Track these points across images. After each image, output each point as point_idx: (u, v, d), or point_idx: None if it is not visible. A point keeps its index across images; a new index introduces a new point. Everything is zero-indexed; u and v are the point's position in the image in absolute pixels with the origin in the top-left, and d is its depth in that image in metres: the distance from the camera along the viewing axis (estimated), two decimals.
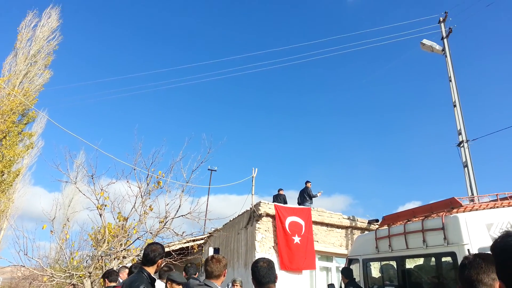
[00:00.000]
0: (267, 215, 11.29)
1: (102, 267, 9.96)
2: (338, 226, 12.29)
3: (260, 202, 11.49)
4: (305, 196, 13.36)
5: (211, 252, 11.74)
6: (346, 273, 6.76)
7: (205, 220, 12.05)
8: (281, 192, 13.78)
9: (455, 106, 11.23)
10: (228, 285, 8.80)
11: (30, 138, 20.72)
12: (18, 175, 20.93)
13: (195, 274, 5.66)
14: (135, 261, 9.50)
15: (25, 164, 24.07)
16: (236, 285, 8.53)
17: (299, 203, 13.18)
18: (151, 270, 3.54)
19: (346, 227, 12.41)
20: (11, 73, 19.69)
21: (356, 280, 6.70)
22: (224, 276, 3.46)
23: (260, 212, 11.14)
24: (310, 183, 13.63)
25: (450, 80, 11.63)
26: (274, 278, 2.91)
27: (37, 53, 21.08)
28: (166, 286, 4.32)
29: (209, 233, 14.77)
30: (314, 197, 13.42)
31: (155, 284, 3.64)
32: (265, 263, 2.95)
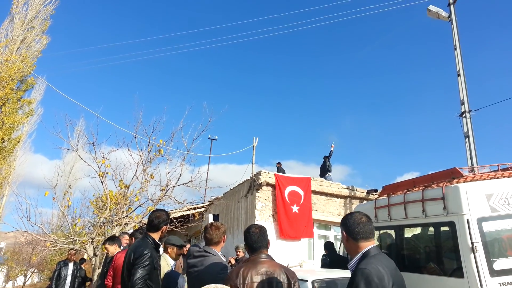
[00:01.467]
0: (267, 184, 11.38)
1: (104, 233, 10.13)
2: (337, 196, 12.42)
3: (260, 171, 11.56)
4: (325, 169, 14.16)
5: (210, 219, 11.90)
6: (327, 246, 8.07)
7: (206, 188, 12.15)
8: (278, 165, 13.98)
9: (459, 75, 11.08)
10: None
11: (30, 105, 20.61)
12: (18, 142, 20.97)
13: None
14: (136, 227, 9.64)
15: (25, 131, 24.10)
16: (239, 251, 8.72)
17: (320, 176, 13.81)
18: (155, 236, 3.59)
19: (345, 197, 12.54)
20: (8, 39, 19.36)
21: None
22: (223, 242, 3.51)
23: (260, 181, 11.23)
24: (327, 158, 14.45)
25: (455, 49, 11.41)
26: (266, 244, 2.95)
27: (33, 18, 20.67)
28: (166, 251, 4.38)
29: (210, 201, 14.93)
30: (329, 168, 14.09)
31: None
32: (257, 229, 2.99)
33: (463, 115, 10.68)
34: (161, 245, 3.69)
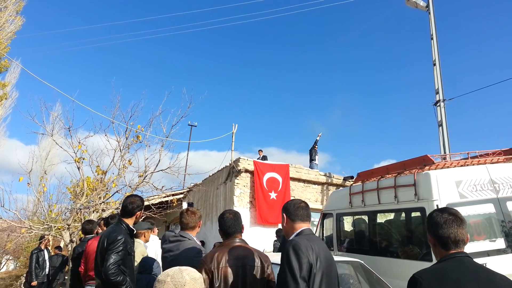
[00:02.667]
0: (246, 171, 11.43)
1: (81, 219, 10.01)
2: (314, 183, 12.59)
3: (239, 158, 11.59)
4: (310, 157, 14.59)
5: (185, 206, 11.90)
6: (278, 232, 8.94)
7: (185, 175, 12.10)
8: (260, 153, 14.06)
9: (434, 64, 11.28)
10: None
11: (4, 88, 19.96)
12: None
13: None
14: (114, 213, 9.57)
15: None
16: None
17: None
18: (129, 221, 3.57)
19: (322, 184, 12.72)
20: None
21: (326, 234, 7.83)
22: (199, 227, 3.53)
23: (239, 168, 11.27)
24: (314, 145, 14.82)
25: (432, 38, 11.59)
26: (240, 228, 2.99)
27: None
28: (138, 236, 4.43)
29: (189, 188, 14.91)
30: (315, 155, 14.53)
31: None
32: (231, 214, 3.03)
33: (438, 104, 10.92)
34: (135, 231, 3.66)
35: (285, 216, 2.67)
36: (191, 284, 1.49)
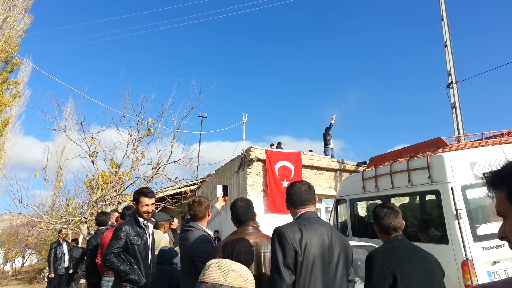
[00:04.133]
0: (258, 160, 11.44)
1: (98, 212, 10.19)
2: (327, 169, 12.54)
3: (251, 147, 11.60)
4: (325, 142, 14.33)
5: (219, 190, 11.92)
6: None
7: (197, 165, 12.21)
8: (272, 146, 14.01)
9: (446, 46, 11.06)
10: None
11: (16, 86, 20.25)
12: (7, 124, 20.70)
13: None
14: (129, 205, 9.71)
15: (13, 114, 23.73)
16: None
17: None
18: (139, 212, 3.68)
19: (335, 170, 12.67)
20: None
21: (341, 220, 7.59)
22: (208, 216, 3.56)
23: (251, 157, 11.28)
24: (328, 129, 14.50)
25: (442, 19, 11.35)
26: (252, 216, 3.00)
27: None
28: (158, 228, 4.47)
29: (202, 179, 15.01)
30: (329, 139, 14.27)
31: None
32: (242, 202, 3.03)
33: (450, 86, 10.74)
34: (142, 221, 3.67)
35: (287, 202, 2.62)
36: (234, 274, 1.46)
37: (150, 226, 3.80)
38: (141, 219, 3.62)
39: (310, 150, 14.00)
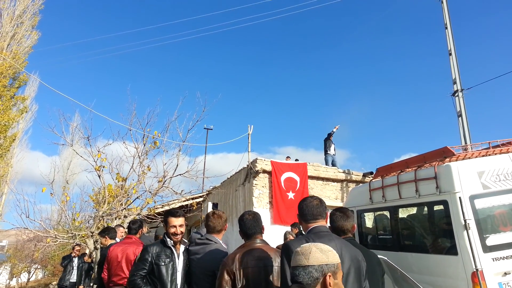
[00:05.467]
0: (264, 171, 11.42)
1: (104, 226, 10.19)
2: (333, 180, 12.48)
3: (256, 159, 11.59)
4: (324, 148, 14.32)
5: (210, 207, 11.91)
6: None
7: (203, 178, 12.21)
8: (288, 159, 14.00)
9: (450, 54, 11.07)
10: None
11: (24, 102, 20.47)
12: (14, 139, 20.86)
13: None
14: (135, 219, 9.71)
15: (20, 129, 24.00)
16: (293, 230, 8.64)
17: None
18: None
19: (341, 181, 12.60)
20: None
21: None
22: (225, 230, 3.55)
23: (257, 169, 11.26)
24: (329, 135, 14.47)
25: (446, 28, 11.37)
26: (260, 229, 2.99)
27: (22, 13, 20.42)
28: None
29: (208, 191, 14.99)
30: (329, 146, 14.23)
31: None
32: (250, 216, 3.03)
33: (456, 94, 10.72)
34: (168, 241, 3.49)
35: (298, 217, 2.67)
36: (331, 253, 1.69)
37: (182, 247, 3.56)
38: (167, 239, 3.46)
39: (296, 160, 14.06)
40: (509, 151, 5.19)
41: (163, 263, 3.38)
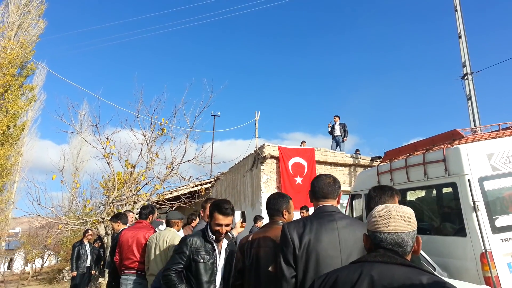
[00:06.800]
0: (271, 157, 11.45)
1: (115, 212, 10.34)
2: (341, 165, 12.48)
3: (264, 144, 11.61)
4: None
5: (238, 216, 11.91)
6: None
7: (211, 164, 12.28)
8: (304, 144, 14.13)
9: (460, 37, 10.89)
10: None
11: (32, 91, 20.64)
12: (24, 128, 21.10)
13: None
14: (145, 205, 9.83)
15: (29, 118, 24.22)
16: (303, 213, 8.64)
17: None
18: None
19: (349, 165, 12.61)
20: (4, 25, 19.21)
21: (356, 215, 7.37)
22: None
23: (264, 155, 11.29)
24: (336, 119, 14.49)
25: (456, 10, 11.17)
26: (278, 212, 2.96)
27: (29, 2, 20.47)
28: (171, 225, 4.52)
29: (216, 177, 15.08)
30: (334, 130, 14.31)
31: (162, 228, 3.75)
32: (272, 198, 3.03)
33: (465, 77, 10.59)
34: (210, 235, 3.12)
35: (310, 195, 2.55)
36: (413, 219, 1.55)
37: (225, 242, 3.21)
38: (210, 234, 3.09)
39: (303, 141, 14.06)
40: None
41: (202, 260, 3.02)
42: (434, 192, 5.71)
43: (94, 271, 10.72)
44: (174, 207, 10.94)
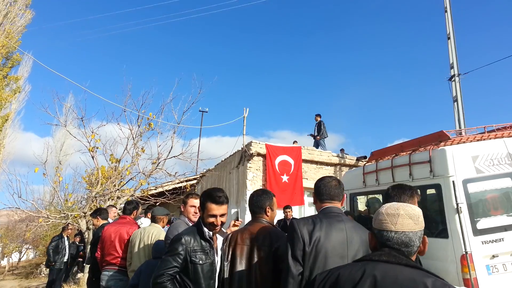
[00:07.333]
0: (258, 154, 11.41)
1: (97, 207, 10.18)
2: (327, 164, 12.52)
3: (251, 141, 11.57)
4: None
5: (233, 215, 11.82)
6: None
7: (197, 160, 12.19)
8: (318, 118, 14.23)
9: (449, 38, 11.00)
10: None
11: (17, 82, 20.23)
12: (7, 120, 20.66)
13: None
14: (129, 200, 9.70)
15: (13, 109, 23.67)
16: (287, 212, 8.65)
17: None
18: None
19: (335, 164, 12.65)
20: None
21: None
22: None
23: (251, 152, 11.25)
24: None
25: (446, 11, 11.25)
26: (260, 209, 2.91)
27: None
28: (156, 221, 4.45)
29: (202, 173, 14.99)
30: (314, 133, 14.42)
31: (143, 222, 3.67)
32: (256, 194, 2.99)
33: (452, 79, 10.70)
34: (207, 232, 2.73)
35: (314, 195, 2.62)
36: (421, 218, 1.55)
37: (219, 239, 2.89)
38: (205, 230, 2.70)
39: (294, 142, 14.09)
40: (503, 136, 5.20)
41: (201, 262, 2.63)
42: (418, 192, 5.73)
43: (73, 267, 10.56)
44: (158, 203, 10.84)
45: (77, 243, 11.08)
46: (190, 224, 3.63)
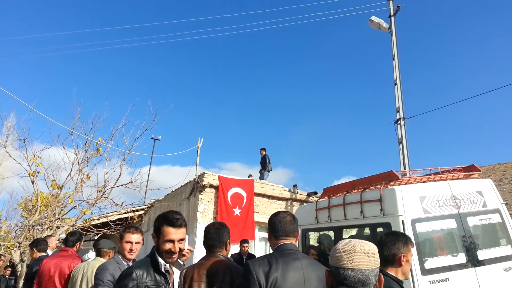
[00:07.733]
0: (211, 186, 11.24)
1: (33, 237, 9.43)
2: (279, 198, 12.56)
3: (204, 172, 11.39)
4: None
5: (186, 242, 11.38)
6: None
7: (146, 190, 11.76)
8: (262, 152, 14.24)
9: (395, 84, 11.67)
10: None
11: None
12: None
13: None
14: (69, 230, 9.08)
15: None
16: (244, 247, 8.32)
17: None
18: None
19: (286, 199, 12.72)
20: None
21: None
22: None
23: (203, 183, 11.05)
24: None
25: (394, 59, 12.00)
26: (220, 243, 2.85)
27: None
28: (102, 255, 4.14)
29: (150, 204, 14.48)
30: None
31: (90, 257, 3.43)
32: (212, 228, 2.91)
33: (398, 122, 11.29)
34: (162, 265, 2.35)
35: (269, 232, 2.56)
36: (376, 255, 1.54)
37: (176, 272, 2.57)
38: (161, 261, 2.33)
39: (250, 175, 14.11)
40: (448, 179, 5.47)
41: None
42: (368, 230, 5.84)
43: None
44: (100, 235, 10.25)
45: (7, 276, 10.12)
46: (124, 263, 3.41)
